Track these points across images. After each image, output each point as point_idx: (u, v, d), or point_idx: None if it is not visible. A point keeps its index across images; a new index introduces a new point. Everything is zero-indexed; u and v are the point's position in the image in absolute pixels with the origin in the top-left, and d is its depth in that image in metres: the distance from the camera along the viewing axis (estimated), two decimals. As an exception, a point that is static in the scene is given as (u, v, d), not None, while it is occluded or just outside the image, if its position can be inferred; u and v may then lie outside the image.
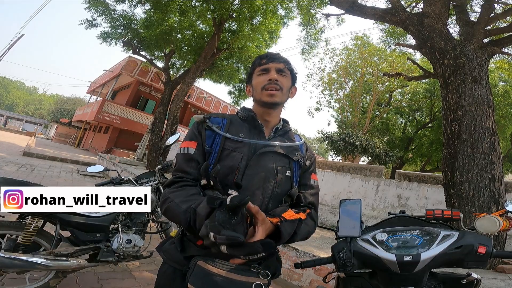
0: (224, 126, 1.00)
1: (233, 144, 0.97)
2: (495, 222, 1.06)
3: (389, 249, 0.98)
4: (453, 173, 3.26)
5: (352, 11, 4.57)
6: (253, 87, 1.06)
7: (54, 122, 36.31)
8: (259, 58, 1.07)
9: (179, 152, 1.00)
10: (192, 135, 1.01)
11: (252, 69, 1.09)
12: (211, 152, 0.96)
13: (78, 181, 7.34)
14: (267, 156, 0.98)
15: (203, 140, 0.98)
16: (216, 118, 1.03)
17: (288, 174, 1.00)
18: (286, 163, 1.01)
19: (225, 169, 0.93)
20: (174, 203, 0.88)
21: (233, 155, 0.95)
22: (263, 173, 0.95)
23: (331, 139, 13.00)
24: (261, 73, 1.04)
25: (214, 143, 0.97)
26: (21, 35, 22.33)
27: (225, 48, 9.96)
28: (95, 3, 9.50)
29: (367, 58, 16.73)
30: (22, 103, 62.49)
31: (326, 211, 6.36)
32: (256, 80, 1.05)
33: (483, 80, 3.44)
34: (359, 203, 1.07)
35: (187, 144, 0.99)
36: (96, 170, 2.61)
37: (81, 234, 2.05)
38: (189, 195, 0.89)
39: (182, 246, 0.94)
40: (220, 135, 0.97)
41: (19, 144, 15.31)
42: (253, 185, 0.94)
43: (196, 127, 1.02)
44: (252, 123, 1.04)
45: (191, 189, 0.91)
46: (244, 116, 1.05)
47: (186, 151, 0.98)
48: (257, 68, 1.06)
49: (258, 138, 1.01)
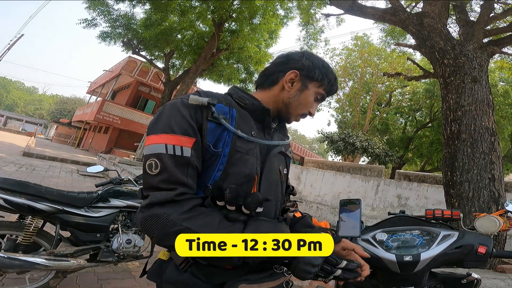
0: (233, 119, 0.75)
1: (245, 144, 0.74)
2: (495, 222, 1.06)
3: (389, 249, 0.98)
4: (453, 173, 3.26)
5: (352, 11, 4.57)
6: (300, 97, 0.84)
7: (54, 122, 36.32)
8: (333, 80, 0.87)
9: (163, 152, 0.66)
10: (186, 126, 0.69)
11: (320, 76, 0.84)
12: (218, 155, 0.71)
13: (78, 181, 7.34)
14: (276, 158, 0.85)
15: (203, 136, 0.70)
16: (221, 105, 0.75)
17: (285, 172, 0.92)
18: (284, 161, 0.91)
19: (239, 177, 0.73)
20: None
21: (246, 159, 0.74)
22: (275, 177, 0.84)
23: (331, 139, 13.01)
24: (318, 96, 0.87)
25: (221, 142, 0.72)
26: (21, 35, 22.33)
27: (225, 48, 9.96)
28: (95, 3, 9.51)
29: (367, 58, 16.75)
30: (22, 103, 62.48)
31: (326, 211, 6.36)
32: (308, 97, 0.85)
33: (483, 80, 3.44)
34: (359, 203, 1.07)
35: (177, 140, 0.67)
36: (96, 170, 2.60)
37: (81, 234, 2.05)
38: (216, 223, 0.67)
39: (206, 273, 0.73)
40: (229, 132, 0.72)
41: (19, 144, 15.31)
42: (268, 192, 0.80)
43: (193, 115, 0.70)
44: (260, 116, 0.82)
45: (210, 214, 0.68)
46: (246, 104, 0.80)
47: (179, 151, 0.67)
48: (321, 87, 0.86)
49: (263, 134, 0.83)
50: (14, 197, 1.78)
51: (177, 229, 0.64)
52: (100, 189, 2.28)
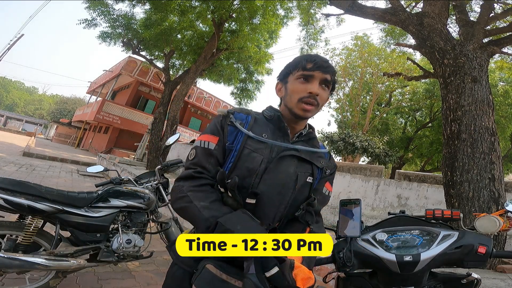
0: (247, 124, 0.94)
1: (255, 144, 0.90)
2: (495, 222, 1.06)
3: (389, 249, 0.98)
4: (453, 173, 3.26)
5: (352, 11, 4.57)
6: (287, 90, 0.95)
7: (54, 122, 36.32)
8: (305, 60, 0.92)
9: (198, 145, 0.92)
10: (214, 129, 0.93)
11: (291, 67, 0.96)
12: (232, 150, 0.91)
13: (78, 181, 7.34)
14: (288, 160, 0.91)
15: (224, 136, 0.92)
16: (240, 114, 0.96)
17: (309, 181, 0.94)
18: (308, 169, 0.94)
19: (244, 171, 0.88)
20: (194, 205, 0.82)
21: (253, 156, 0.89)
22: (283, 178, 0.89)
23: (331, 139, 13.01)
24: (302, 79, 0.92)
25: (235, 140, 0.91)
26: (21, 35, 22.33)
27: (225, 48, 9.95)
28: (95, 3, 9.50)
29: (367, 58, 16.74)
30: (22, 103, 62.47)
31: (326, 211, 6.36)
32: (293, 85, 0.93)
33: (483, 80, 3.44)
34: (359, 203, 1.07)
35: (208, 138, 0.92)
36: (96, 170, 2.60)
37: (81, 234, 2.05)
38: (211, 200, 0.83)
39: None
40: (242, 133, 0.91)
41: (19, 144, 15.31)
42: (271, 190, 0.88)
43: (219, 121, 0.94)
44: (277, 124, 0.96)
45: (212, 192, 0.86)
46: (270, 116, 0.97)
47: (207, 145, 0.91)
48: (299, 71, 0.92)
49: (282, 140, 0.93)
50: (14, 197, 1.78)
51: (182, 195, 0.85)
52: (100, 189, 2.28)
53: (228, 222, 0.76)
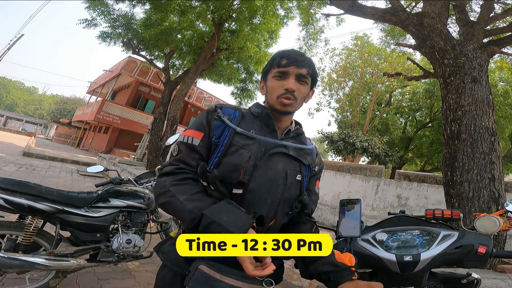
0: (235, 119, 0.92)
1: (242, 140, 0.89)
2: (495, 222, 1.06)
3: (389, 249, 0.98)
4: (453, 173, 3.26)
5: (352, 11, 4.57)
6: (267, 88, 0.96)
7: (54, 122, 36.31)
8: (279, 57, 0.93)
9: (182, 141, 0.91)
10: (200, 125, 0.92)
11: (269, 65, 0.97)
12: (218, 145, 0.89)
13: (78, 181, 7.34)
14: (277, 158, 0.90)
15: (211, 130, 0.90)
16: (228, 109, 0.94)
17: (298, 178, 0.94)
18: (297, 167, 0.94)
19: (229, 166, 0.86)
20: (176, 199, 0.82)
21: (241, 152, 0.87)
22: (273, 175, 0.88)
23: (331, 139, 13.00)
24: (278, 76, 0.92)
25: (222, 135, 0.90)
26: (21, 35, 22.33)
27: (225, 48, 9.95)
28: (95, 3, 9.50)
29: (367, 58, 16.74)
30: (22, 103, 62.45)
31: (326, 211, 6.36)
32: (271, 83, 0.94)
33: (483, 80, 3.44)
34: (359, 203, 1.07)
35: (192, 133, 0.91)
36: (96, 170, 2.60)
37: (81, 234, 2.05)
38: (193, 192, 0.83)
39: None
40: (229, 128, 0.89)
41: (19, 144, 15.31)
42: (261, 187, 0.87)
43: (206, 116, 0.93)
44: (265, 120, 0.95)
45: (194, 185, 0.86)
46: (257, 113, 0.96)
47: (191, 141, 0.90)
48: (275, 68, 0.93)
49: (269, 137, 0.92)
50: (14, 197, 1.78)
51: (164, 190, 0.85)
52: (100, 189, 2.28)
53: (214, 213, 0.76)
